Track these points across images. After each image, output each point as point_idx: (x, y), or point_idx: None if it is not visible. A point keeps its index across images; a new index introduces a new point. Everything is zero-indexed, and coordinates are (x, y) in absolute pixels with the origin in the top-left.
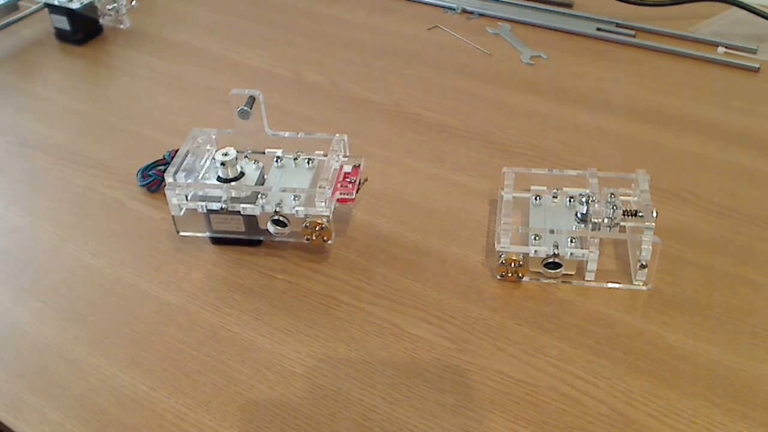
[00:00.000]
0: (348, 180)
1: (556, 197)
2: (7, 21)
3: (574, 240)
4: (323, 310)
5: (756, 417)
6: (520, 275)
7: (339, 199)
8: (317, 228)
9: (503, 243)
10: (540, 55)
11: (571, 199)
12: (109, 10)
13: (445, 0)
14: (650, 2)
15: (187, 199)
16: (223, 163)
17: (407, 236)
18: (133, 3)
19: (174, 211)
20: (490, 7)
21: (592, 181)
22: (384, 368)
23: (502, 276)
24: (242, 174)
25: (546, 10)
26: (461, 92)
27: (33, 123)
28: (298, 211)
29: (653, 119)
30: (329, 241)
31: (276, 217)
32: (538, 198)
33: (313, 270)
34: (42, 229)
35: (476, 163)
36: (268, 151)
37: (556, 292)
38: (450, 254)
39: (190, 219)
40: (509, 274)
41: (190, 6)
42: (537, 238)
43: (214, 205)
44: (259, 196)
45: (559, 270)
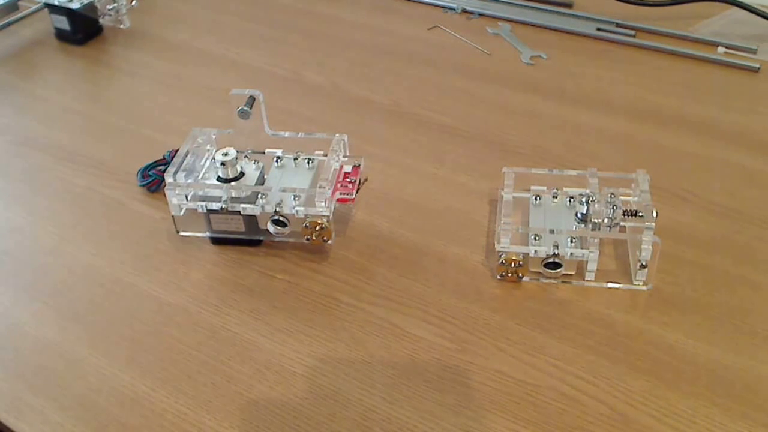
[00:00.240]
0: (348, 180)
1: (556, 197)
2: (7, 21)
3: (574, 240)
4: (323, 310)
5: (756, 417)
6: (520, 275)
7: (339, 199)
8: (317, 228)
9: (503, 243)
10: (540, 55)
11: (571, 199)
12: (109, 10)
13: (445, 0)
14: (650, 2)
15: (187, 199)
16: (223, 163)
17: (407, 236)
18: (133, 3)
19: (174, 211)
20: (490, 7)
21: (592, 181)
22: (384, 368)
23: (502, 276)
24: (242, 174)
25: (546, 10)
26: (461, 92)
27: (33, 123)
28: (298, 211)
29: (653, 119)
30: (329, 241)
31: (276, 217)
32: (538, 198)
33: (313, 270)
34: (42, 229)
35: (476, 163)
36: (268, 151)
37: (556, 292)
38: (450, 254)
39: (190, 219)
40: (509, 274)
41: (190, 6)
42: (537, 238)
43: (214, 205)
44: (259, 196)
45: (559, 270)
